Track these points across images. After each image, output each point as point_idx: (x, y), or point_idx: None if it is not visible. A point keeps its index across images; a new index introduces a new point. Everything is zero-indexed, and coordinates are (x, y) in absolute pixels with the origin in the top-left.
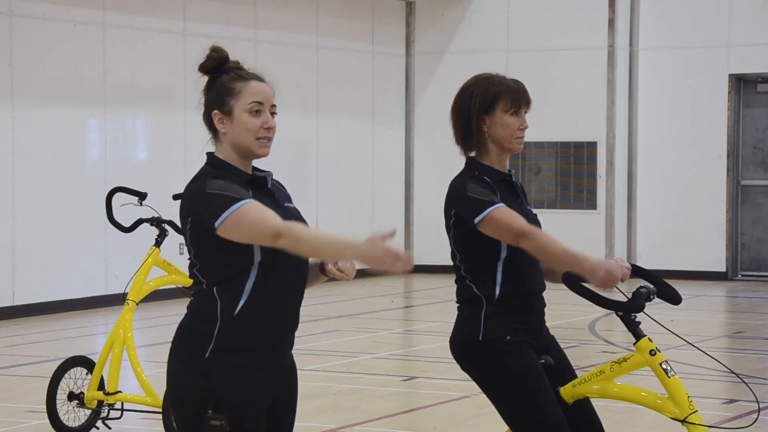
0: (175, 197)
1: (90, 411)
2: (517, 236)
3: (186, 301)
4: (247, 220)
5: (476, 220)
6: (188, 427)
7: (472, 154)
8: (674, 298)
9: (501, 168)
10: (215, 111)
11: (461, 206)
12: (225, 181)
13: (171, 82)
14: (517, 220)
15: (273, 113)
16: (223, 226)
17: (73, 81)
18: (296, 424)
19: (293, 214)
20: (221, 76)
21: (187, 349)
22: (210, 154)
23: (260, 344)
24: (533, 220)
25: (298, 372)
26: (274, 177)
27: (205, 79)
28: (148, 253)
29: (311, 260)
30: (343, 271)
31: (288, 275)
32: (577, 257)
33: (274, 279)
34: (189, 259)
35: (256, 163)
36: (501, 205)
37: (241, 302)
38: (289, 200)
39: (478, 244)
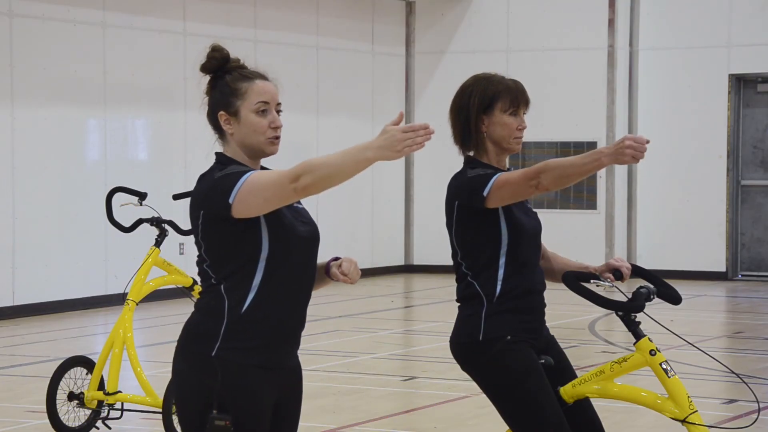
0: (175, 197)
1: (90, 411)
2: (533, 179)
3: (186, 300)
4: (261, 182)
5: (485, 192)
6: (192, 426)
7: (471, 153)
8: (674, 298)
9: (500, 167)
10: (221, 112)
11: (464, 192)
12: (233, 167)
13: (171, 82)
14: (524, 169)
15: (278, 111)
16: (237, 200)
17: (73, 81)
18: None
19: (303, 214)
20: (225, 76)
21: (193, 348)
22: (219, 154)
23: (266, 343)
24: (534, 219)
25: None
26: None
27: (206, 78)
28: (148, 253)
29: (318, 262)
30: (346, 275)
31: (295, 273)
32: (595, 154)
33: (281, 277)
34: (198, 256)
35: (263, 162)
36: (502, 171)
37: (249, 300)
38: (298, 201)
39: (480, 239)
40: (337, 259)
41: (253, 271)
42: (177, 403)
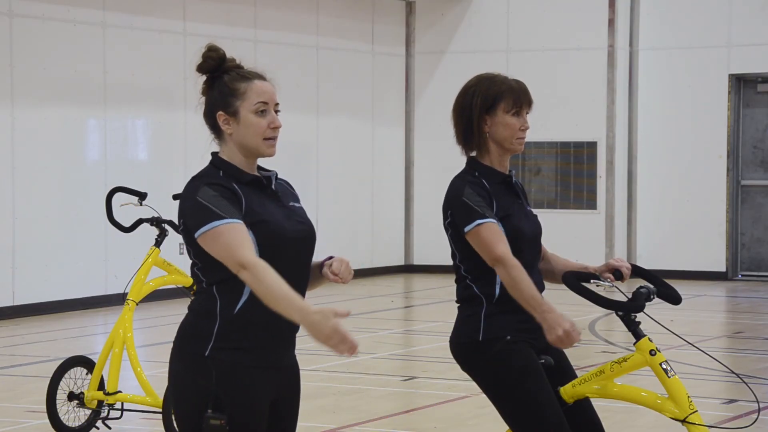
0: (175, 197)
1: (90, 411)
2: (495, 261)
3: (186, 301)
4: (222, 241)
5: (466, 229)
6: (189, 426)
7: (473, 153)
8: (674, 298)
9: (502, 168)
10: (220, 112)
11: (455, 210)
12: (217, 192)
13: (171, 82)
14: (500, 244)
15: (276, 111)
16: (201, 239)
17: (73, 81)
18: (297, 423)
19: (298, 213)
20: (223, 75)
21: (188, 348)
22: (214, 155)
23: (260, 343)
24: (534, 222)
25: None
26: (280, 176)
27: (204, 78)
28: (148, 253)
29: (313, 261)
30: (337, 275)
31: (287, 275)
32: (543, 306)
33: None
34: (190, 258)
35: (261, 162)
36: (491, 221)
37: (241, 301)
38: (296, 200)
39: None
40: (331, 258)
41: None
42: (174, 403)
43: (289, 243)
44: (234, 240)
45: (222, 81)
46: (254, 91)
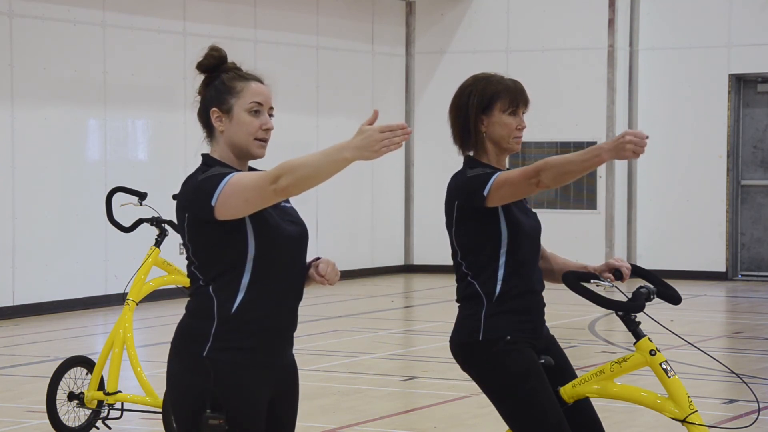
0: (175, 197)
1: (90, 411)
2: (533, 177)
3: (186, 301)
4: (242, 184)
5: (485, 192)
6: (188, 426)
7: (470, 153)
8: (674, 298)
9: (500, 167)
10: (214, 108)
11: (464, 192)
12: (215, 169)
13: (171, 82)
14: (523, 168)
15: (270, 115)
16: (219, 202)
17: (73, 81)
18: (296, 423)
19: (290, 213)
20: (221, 74)
21: (185, 349)
22: (205, 155)
23: (257, 343)
24: (533, 219)
25: (298, 372)
26: None
27: (202, 78)
28: (148, 253)
29: (307, 260)
30: (323, 276)
31: (283, 273)
32: (595, 150)
33: (270, 277)
34: (186, 258)
35: (254, 162)
36: (502, 170)
37: (237, 301)
38: (286, 200)
39: (480, 238)
40: (318, 259)
41: (240, 273)
42: (172, 404)
43: (287, 242)
44: (250, 176)
45: (220, 79)
46: (250, 91)
